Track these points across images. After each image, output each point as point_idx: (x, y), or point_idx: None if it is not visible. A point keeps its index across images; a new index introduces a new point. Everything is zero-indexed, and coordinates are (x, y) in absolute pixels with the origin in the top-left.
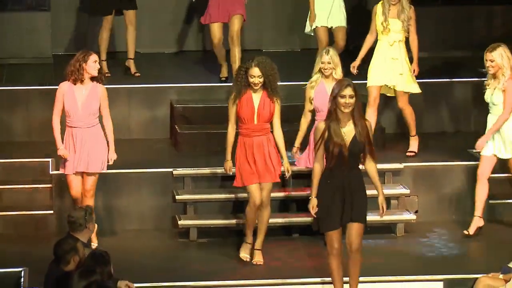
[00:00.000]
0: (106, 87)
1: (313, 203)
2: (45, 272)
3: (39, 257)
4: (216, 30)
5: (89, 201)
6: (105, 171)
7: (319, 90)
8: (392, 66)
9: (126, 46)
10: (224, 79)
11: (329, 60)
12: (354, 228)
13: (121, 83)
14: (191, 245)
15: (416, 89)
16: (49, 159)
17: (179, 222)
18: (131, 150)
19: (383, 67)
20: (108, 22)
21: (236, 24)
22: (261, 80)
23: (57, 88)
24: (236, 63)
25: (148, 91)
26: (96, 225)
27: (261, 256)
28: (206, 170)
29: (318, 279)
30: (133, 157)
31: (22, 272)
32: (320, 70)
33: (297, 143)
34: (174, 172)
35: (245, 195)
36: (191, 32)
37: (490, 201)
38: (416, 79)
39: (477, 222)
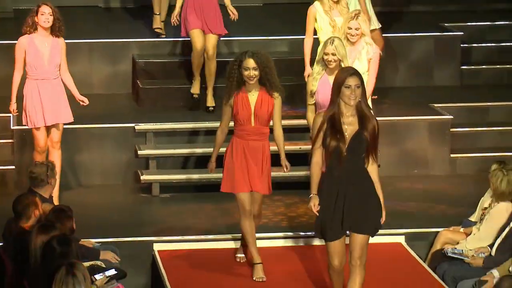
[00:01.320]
0: (67, 42)
1: (314, 201)
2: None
3: (0, 211)
4: (198, 35)
5: (57, 153)
6: (71, 120)
7: (322, 83)
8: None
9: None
10: (196, 96)
11: (333, 51)
12: (358, 241)
13: (82, 38)
14: (153, 200)
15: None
16: (10, 114)
17: (142, 177)
18: (93, 105)
19: None
20: None
21: (213, 40)
22: (256, 73)
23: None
24: (212, 76)
25: (109, 46)
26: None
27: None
28: (168, 125)
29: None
30: (95, 112)
31: None
32: (323, 61)
33: None
34: (136, 127)
35: (207, 150)
36: None
37: (451, 155)
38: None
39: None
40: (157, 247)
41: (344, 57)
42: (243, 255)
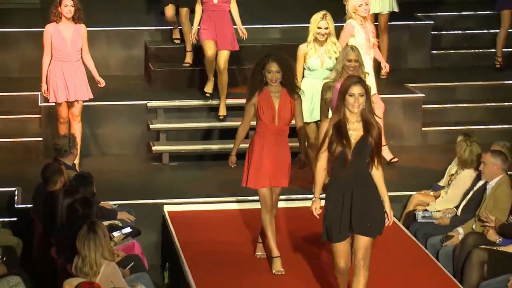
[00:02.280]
0: (88, 30)
1: (317, 204)
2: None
3: (30, 178)
4: (210, 45)
5: (78, 126)
6: (91, 97)
7: (336, 91)
8: None
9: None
10: (208, 94)
11: (356, 57)
12: (361, 242)
13: (100, 26)
14: (163, 168)
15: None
16: (38, 93)
17: (153, 148)
18: (110, 85)
19: None
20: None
21: (225, 55)
22: (279, 75)
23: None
24: (224, 88)
25: (124, 33)
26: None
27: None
28: (176, 102)
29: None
30: (112, 91)
31: (16, 191)
32: (342, 68)
33: None
34: (148, 104)
35: (211, 124)
36: None
37: (423, 128)
38: None
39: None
40: (167, 208)
41: (362, 63)
42: (263, 252)
